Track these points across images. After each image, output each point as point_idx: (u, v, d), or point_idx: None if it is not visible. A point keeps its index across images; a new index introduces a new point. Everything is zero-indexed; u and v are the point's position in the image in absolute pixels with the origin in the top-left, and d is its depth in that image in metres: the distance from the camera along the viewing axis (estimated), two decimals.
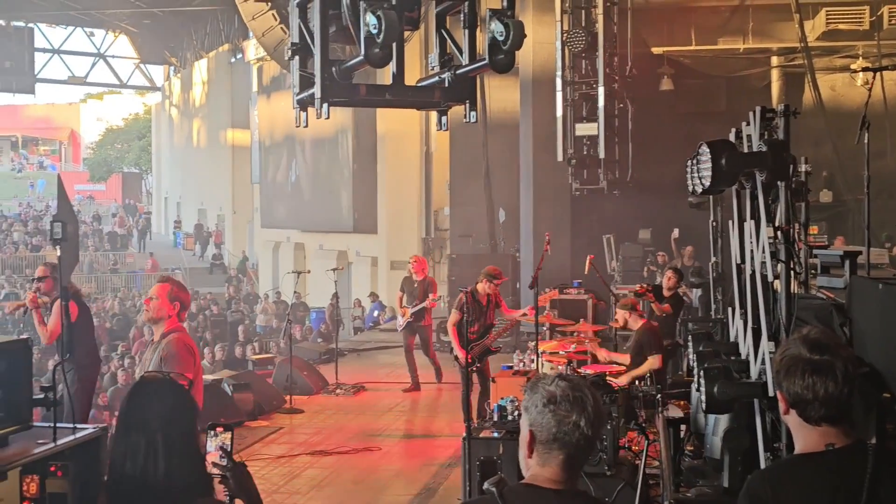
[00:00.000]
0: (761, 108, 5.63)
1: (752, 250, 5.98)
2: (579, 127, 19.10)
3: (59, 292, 3.87)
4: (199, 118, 50.99)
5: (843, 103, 19.79)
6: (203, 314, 28.28)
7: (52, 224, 3.78)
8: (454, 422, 12.40)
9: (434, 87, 6.31)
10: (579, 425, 2.89)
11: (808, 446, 3.08)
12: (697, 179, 5.66)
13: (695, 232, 16.66)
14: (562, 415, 2.89)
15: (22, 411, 3.87)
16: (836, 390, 3.00)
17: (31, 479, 3.88)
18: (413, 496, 9.75)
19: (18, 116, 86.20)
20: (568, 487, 2.94)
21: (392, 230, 30.14)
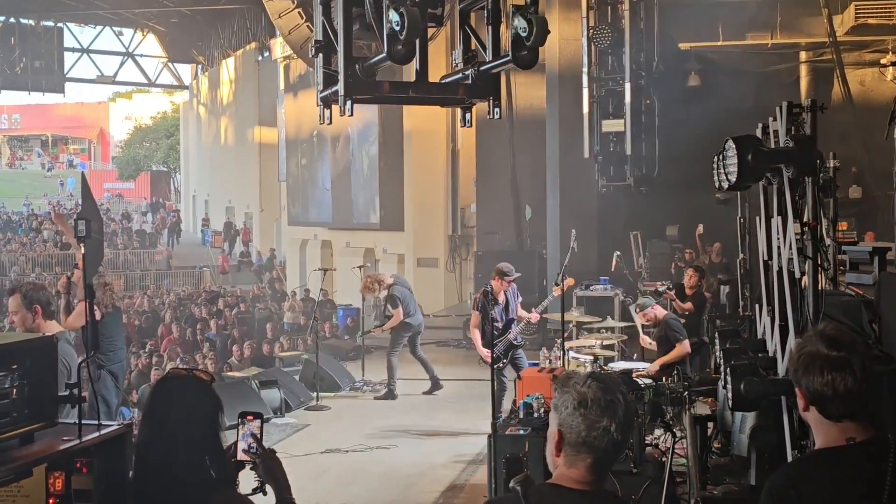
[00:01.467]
0: (788, 104, 5.59)
1: (779, 247, 5.93)
2: (606, 123, 19.03)
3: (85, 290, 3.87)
4: (226, 116, 51.17)
5: (872, 98, 19.64)
6: (230, 311, 28.37)
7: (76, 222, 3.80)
8: (480, 419, 12.39)
9: (458, 84, 6.30)
10: (609, 430, 2.87)
11: (829, 442, 3.07)
12: (723, 175, 5.62)
13: (722, 228, 16.57)
14: (592, 419, 2.87)
15: (47, 408, 3.88)
16: (855, 386, 2.99)
17: (56, 476, 3.89)
18: (439, 493, 9.76)
19: (48, 116, 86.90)
20: (594, 489, 2.92)
21: (419, 227, 30.12)
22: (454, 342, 20.23)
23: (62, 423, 3.93)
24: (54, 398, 3.89)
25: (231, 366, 19.34)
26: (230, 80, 49.99)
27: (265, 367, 17.24)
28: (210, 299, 32.08)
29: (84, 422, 3.84)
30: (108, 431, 3.96)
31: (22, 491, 3.93)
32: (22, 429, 3.79)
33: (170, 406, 3.50)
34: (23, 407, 3.78)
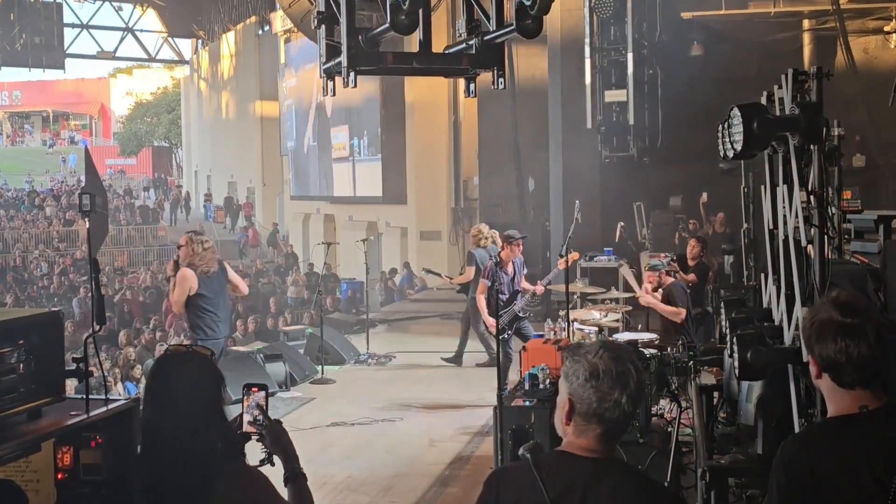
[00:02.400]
0: (794, 71, 5.55)
1: (784, 215, 5.91)
2: (608, 94, 18.94)
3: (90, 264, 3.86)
4: (227, 91, 51.06)
5: (876, 66, 19.56)
6: None
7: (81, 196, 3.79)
8: (485, 391, 12.41)
9: (461, 54, 6.27)
10: (620, 402, 2.87)
11: (842, 409, 3.06)
12: (729, 144, 5.59)
13: (726, 198, 16.53)
14: (604, 391, 2.87)
15: (54, 383, 3.89)
16: (869, 352, 2.98)
17: (65, 451, 3.91)
18: (445, 465, 9.78)
19: (49, 92, 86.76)
20: (604, 456, 2.93)
21: (421, 200, 30.10)
22: (458, 315, 20.19)
23: (69, 397, 3.94)
24: (61, 373, 3.90)
25: (235, 340, 19.38)
26: (231, 54, 49.86)
27: (269, 342, 17.27)
28: None
29: (91, 396, 3.85)
30: (115, 406, 3.97)
31: (30, 466, 3.94)
32: (29, 404, 3.80)
33: (172, 384, 3.50)
34: (30, 382, 3.79)
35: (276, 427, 3.66)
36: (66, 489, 3.94)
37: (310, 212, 38.37)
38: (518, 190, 23.91)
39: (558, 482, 2.88)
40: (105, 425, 3.92)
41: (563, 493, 2.87)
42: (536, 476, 2.88)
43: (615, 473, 2.93)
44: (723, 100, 6.59)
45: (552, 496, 2.85)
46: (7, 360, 3.71)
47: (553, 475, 2.89)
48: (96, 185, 3.70)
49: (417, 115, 29.74)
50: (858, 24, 19.83)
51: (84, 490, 3.92)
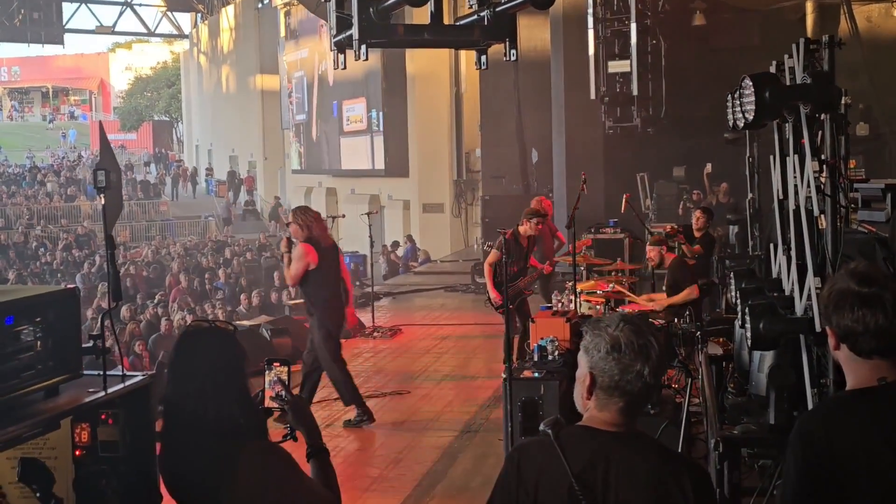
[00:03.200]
0: (805, 40, 5.52)
1: (795, 185, 5.89)
2: (612, 64, 18.89)
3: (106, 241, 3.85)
4: (227, 65, 50.91)
5: (879, 34, 19.47)
6: (237, 260, 28.42)
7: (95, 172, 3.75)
8: (492, 363, 12.44)
9: (473, 26, 6.22)
10: (643, 374, 2.86)
11: (860, 381, 3.04)
12: (740, 113, 5.56)
13: (730, 169, 16.51)
14: (626, 363, 2.86)
15: (71, 360, 3.88)
16: (887, 322, 2.96)
17: (82, 428, 3.90)
18: (454, 437, 9.80)
19: (48, 67, 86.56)
20: (627, 430, 2.92)
21: (424, 173, 30.08)
22: (462, 287, 20.25)
23: (87, 374, 3.94)
24: (78, 349, 3.90)
25: (240, 315, 19.41)
26: (230, 27, 49.68)
27: (274, 316, 17.28)
28: (217, 249, 32.14)
29: (108, 373, 3.84)
30: (132, 382, 3.96)
31: (48, 443, 3.94)
32: (47, 381, 3.79)
33: (195, 359, 3.48)
34: (47, 359, 3.79)
35: (298, 402, 3.65)
36: (84, 466, 3.94)
37: (312, 185, 38.34)
38: (521, 161, 23.88)
39: (581, 457, 2.87)
40: (122, 402, 3.91)
41: (586, 469, 2.86)
42: (559, 451, 2.87)
43: (638, 447, 2.92)
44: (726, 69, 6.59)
45: (575, 471, 2.84)
46: (25, 338, 3.70)
47: (575, 450, 2.88)
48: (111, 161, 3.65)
49: (419, 87, 29.68)
50: None
51: (102, 467, 3.91)
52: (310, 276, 9.76)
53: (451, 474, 8.75)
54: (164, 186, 53.71)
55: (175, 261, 29.26)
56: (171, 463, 3.51)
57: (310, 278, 9.78)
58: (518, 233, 11.33)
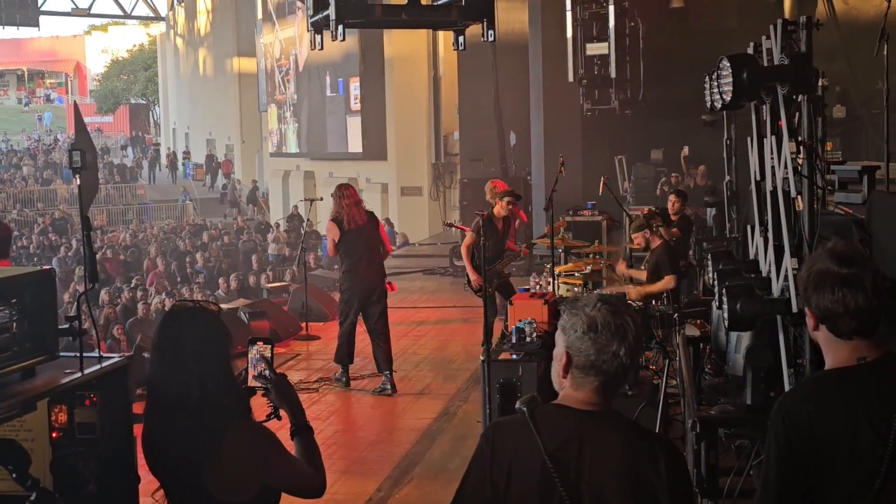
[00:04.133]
0: (783, 21, 5.52)
1: (772, 166, 5.91)
2: (590, 47, 18.87)
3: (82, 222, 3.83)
4: (204, 47, 50.64)
5: (856, 17, 19.50)
6: (215, 244, 28.33)
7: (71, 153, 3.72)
8: (470, 345, 12.45)
9: (451, 6, 6.20)
10: (619, 355, 2.87)
11: (840, 361, 3.05)
12: (717, 95, 5.57)
13: (708, 151, 16.55)
14: (602, 343, 2.86)
15: (47, 342, 3.87)
16: (867, 303, 2.97)
17: (59, 409, 3.90)
18: (432, 419, 9.82)
19: (23, 50, 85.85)
20: (602, 409, 2.93)
21: (402, 156, 30.02)
22: (441, 270, 20.25)
23: (63, 356, 3.92)
24: (55, 331, 3.88)
25: (218, 298, 19.34)
26: (207, 10, 49.40)
27: (252, 299, 17.24)
28: (194, 232, 32.02)
29: (85, 355, 3.83)
30: (109, 364, 3.95)
31: (25, 425, 3.92)
32: (23, 363, 3.78)
33: (180, 339, 3.47)
34: (23, 340, 3.77)
35: (281, 381, 3.65)
36: (62, 448, 3.93)
37: (290, 168, 38.22)
38: (499, 144, 23.85)
39: (555, 435, 2.88)
40: (99, 383, 3.90)
41: (561, 446, 2.87)
42: (533, 429, 2.88)
43: (612, 425, 2.93)
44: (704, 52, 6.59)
45: (549, 449, 2.85)
46: (0, 320, 3.69)
47: (550, 428, 2.89)
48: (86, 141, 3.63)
49: (396, 69, 29.59)
50: None
51: (79, 448, 3.91)
52: (338, 249, 10.99)
53: (429, 456, 8.77)
54: (141, 170, 53.44)
55: (152, 244, 29.14)
56: (155, 442, 3.51)
57: (338, 250, 11.03)
58: (493, 214, 11.34)
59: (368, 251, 10.92)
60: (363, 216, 10.95)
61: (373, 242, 11.01)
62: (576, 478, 2.85)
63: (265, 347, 3.63)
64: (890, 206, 6.41)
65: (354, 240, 10.82)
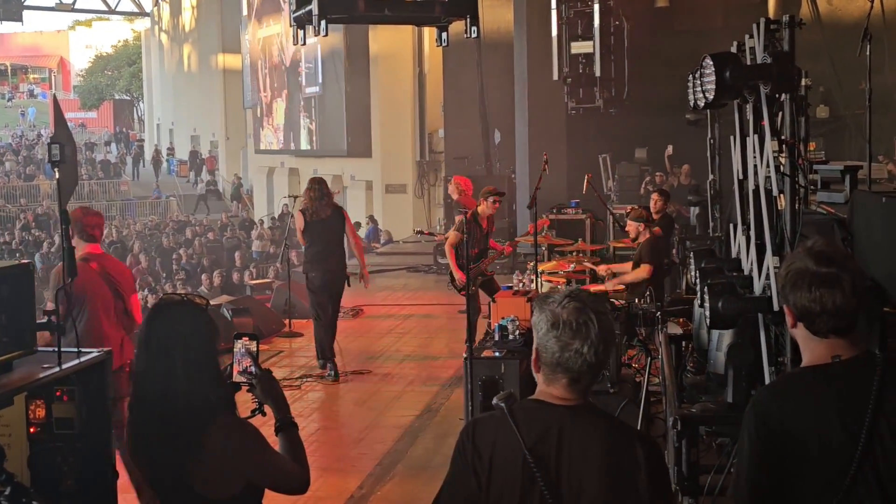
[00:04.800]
0: (766, 20, 5.52)
1: (755, 165, 5.92)
2: (574, 45, 18.88)
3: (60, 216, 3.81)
4: (189, 43, 50.51)
5: (840, 18, 19.56)
6: (199, 240, 28.27)
7: (50, 146, 3.71)
8: (453, 343, 12.45)
9: (434, 2, 6.19)
10: (582, 352, 2.87)
11: (816, 359, 3.06)
12: (700, 93, 5.57)
13: (692, 150, 16.57)
14: (565, 341, 2.87)
15: (25, 336, 3.84)
16: (845, 302, 2.98)
17: (37, 404, 3.87)
18: (415, 416, 9.81)
19: (7, 45, 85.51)
20: (580, 403, 2.93)
21: (386, 154, 30.01)
22: (424, 267, 20.26)
23: (41, 350, 3.90)
24: (32, 325, 3.85)
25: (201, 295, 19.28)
26: (192, 6, 49.28)
27: (235, 295, 17.20)
28: (178, 229, 31.95)
29: (64, 349, 3.80)
30: (88, 359, 3.93)
31: (1, 420, 3.90)
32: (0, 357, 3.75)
33: (168, 332, 3.46)
34: (0, 335, 3.74)
35: (266, 376, 3.65)
36: (39, 443, 3.91)
37: (274, 165, 38.15)
38: (484, 142, 23.86)
39: (533, 430, 2.90)
40: (78, 378, 3.88)
41: (539, 441, 2.88)
42: (512, 425, 2.89)
43: (590, 419, 2.94)
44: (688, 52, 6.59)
45: (529, 444, 2.86)
46: None
47: (528, 423, 2.91)
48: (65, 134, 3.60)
49: (382, 67, 29.57)
50: None
51: (57, 444, 3.88)
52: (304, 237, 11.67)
53: (411, 453, 8.76)
54: (125, 166, 53.25)
55: (135, 240, 29.06)
56: (140, 436, 3.49)
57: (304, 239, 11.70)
58: (477, 213, 11.35)
59: (329, 242, 11.56)
60: (327, 210, 11.52)
61: (334, 235, 11.63)
62: (556, 471, 2.87)
63: (251, 343, 3.63)
64: (871, 206, 6.42)
65: (317, 230, 11.49)
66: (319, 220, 11.46)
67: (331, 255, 11.57)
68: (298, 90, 34.40)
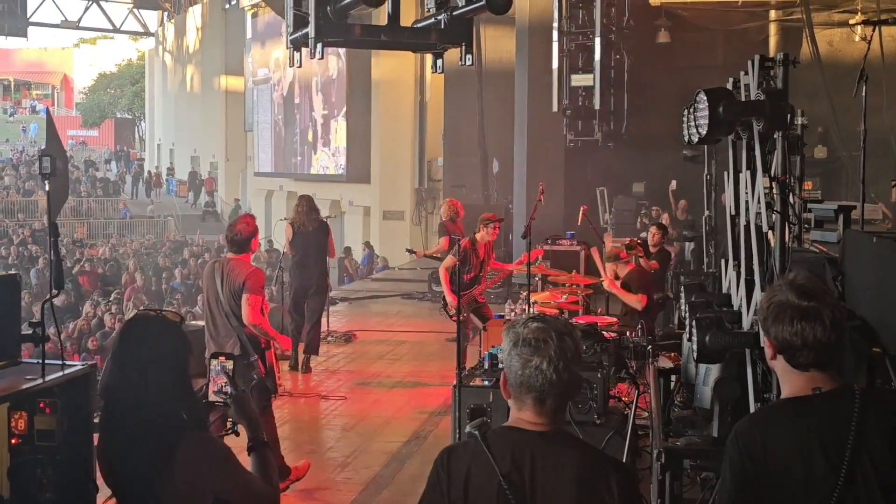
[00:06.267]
0: (760, 57, 5.56)
1: (746, 201, 5.94)
2: (575, 78, 18.99)
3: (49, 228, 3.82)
4: (192, 64, 50.66)
5: (840, 59, 19.67)
6: (194, 260, 28.25)
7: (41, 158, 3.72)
8: (444, 370, 12.42)
9: (430, 29, 6.23)
10: (541, 369, 2.88)
11: (795, 391, 3.09)
12: (694, 128, 5.60)
13: (688, 186, 16.63)
14: (525, 358, 2.90)
15: (9, 347, 3.85)
16: (825, 336, 3.01)
17: (19, 416, 3.86)
18: (403, 443, 9.79)
19: (11, 60, 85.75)
20: (552, 429, 2.94)
21: (385, 180, 30.05)
22: (419, 294, 20.24)
23: (25, 362, 3.90)
24: (17, 337, 3.86)
25: (196, 314, 19.27)
26: (197, 27, 49.45)
27: None
28: (175, 249, 31.95)
29: (48, 361, 3.80)
30: (72, 371, 3.93)
31: None
32: None
33: (139, 347, 3.45)
34: None
35: (241, 397, 3.65)
36: (20, 455, 3.90)
37: (273, 188, 38.20)
38: (482, 172, 23.91)
39: (507, 457, 2.90)
40: (61, 391, 3.87)
41: (513, 468, 2.89)
42: (487, 452, 2.90)
43: (564, 445, 2.95)
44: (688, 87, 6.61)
45: (503, 471, 2.87)
46: None
47: (502, 450, 2.92)
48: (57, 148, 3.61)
49: (383, 93, 29.67)
50: (824, 16, 19.94)
51: (38, 456, 3.88)
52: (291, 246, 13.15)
53: (398, 479, 8.75)
54: (124, 184, 53.28)
55: (131, 259, 29.05)
56: (110, 451, 3.48)
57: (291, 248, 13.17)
58: (475, 240, 11.37)
59: (310, 252, 12.91)
60: (312, 224, 12.86)
61: (316, 246, 12.92)
62: (530, 498, 2.87)
63: (227, 363, 3.63)
64: (862, 246, 6.45)
65: (301, 241, 12.84)
66: (305, 233, 12.72)
67: (310, 263, 12.88)
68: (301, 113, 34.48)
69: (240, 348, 8.14)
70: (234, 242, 8.22)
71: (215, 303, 8.35)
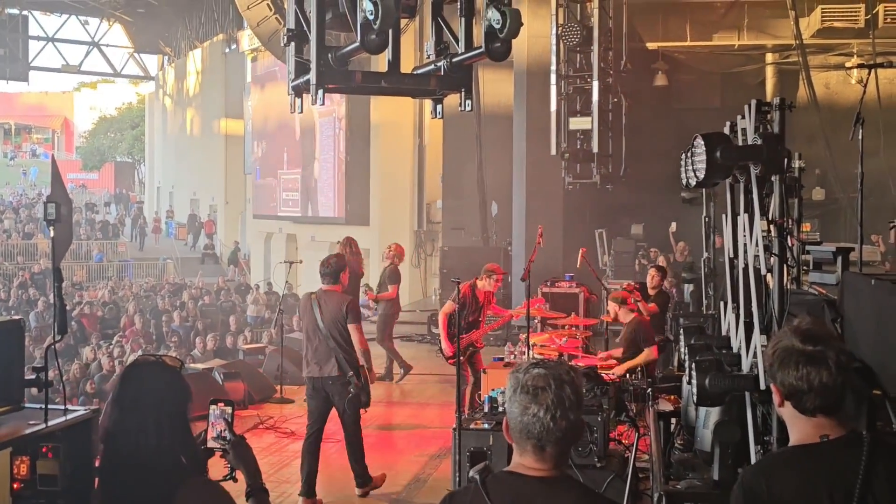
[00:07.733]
0: (757, 101, 5.62)
1: (745, 244, 5.97)
2: (573, 121, 19.08)
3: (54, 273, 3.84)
4: (192, 108, 50.84)
5: (836, 101, 19.83)
6: (192, 303, 28.25)
7: (46, 205, 3.75)
8: (444, 413, 12.41)
9: (430, 75, 6.30)
10: (539, 417, 2.90)
11: (803, 438, 3.08)
12: (691, 172, 5.65)
13: (687, 228, 16.70)
14: (524, 405, 2.93)
15: (13, 392, 3.86)
16: (831, 380, 3.01)
17: (21, 461, 3.86)
18: (403, 486, 9.76)
19: (12, 104, 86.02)
20: (553, 475, 2.95)
21: (384, 222, 30.06)
22: (418, 337, 20.24)
23: (28, 407, 3.91)
24: (20, 381, 3.87)
25: (194, 358, 19.27)
26: (197, 71, 49.67)
27: (228, 360, 17.16)
28: (174, 291, 31.95)
29: (51, 406, 3.81)
30: (74, 416, 3.94)
31: None
32: None
33: (139, 392, 3.46)
34: None
35: (240, 442, 3.66)
36: (23, 499, 3.90)
37: (272, 231, 38.23)
38: (481, 214, 23.97)
39: (506, 501, 2.91)
40: (63, 435, 3.88)
41: None
42: (485, 497, 2.91)
43: (564, 490, 2.96)
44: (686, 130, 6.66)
45: None
46: None
47: (501, 495, 2.93)
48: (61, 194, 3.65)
49: (382, 136, 29.77)
50: (821, 59, 20.11)
51: (40, 501, 3.88)
52: None
53: None
54: (124, 227, 53.36)
55: (131, 302, 29.05)
56: (110, 495, 3.48)
57: None
58: (475, 286, 11.44)
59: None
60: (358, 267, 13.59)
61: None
62: None
63: (226, 409, 3.64)
64: (861, 288, 6.47)
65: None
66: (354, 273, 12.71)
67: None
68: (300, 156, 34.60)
69: (337, 368, 9.26)
70: (327, 275, 9.31)
71: (313, 330, 9.29)
